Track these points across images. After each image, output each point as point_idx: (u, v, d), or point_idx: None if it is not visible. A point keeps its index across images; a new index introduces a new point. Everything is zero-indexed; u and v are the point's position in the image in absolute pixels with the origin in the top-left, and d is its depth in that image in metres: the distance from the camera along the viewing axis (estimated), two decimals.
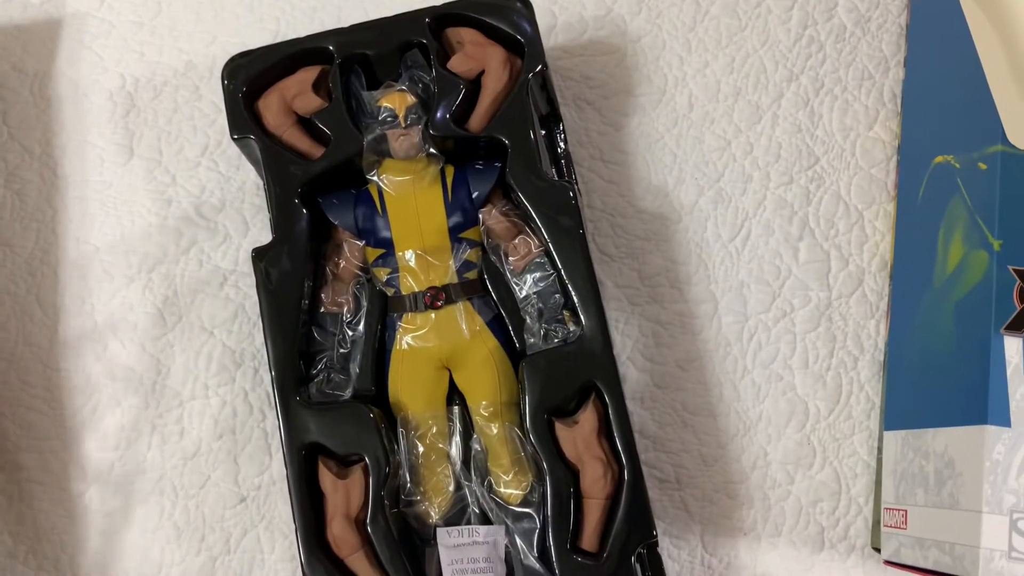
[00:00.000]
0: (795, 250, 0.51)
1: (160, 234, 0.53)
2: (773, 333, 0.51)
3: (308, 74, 0.48)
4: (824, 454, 0.49)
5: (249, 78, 0.47)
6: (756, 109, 0.53)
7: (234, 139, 0.47)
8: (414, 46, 0.48)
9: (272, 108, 0.47)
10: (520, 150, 0.46)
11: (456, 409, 0.47)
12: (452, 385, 0.47)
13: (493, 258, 0.47)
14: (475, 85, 0.47)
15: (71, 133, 0.55)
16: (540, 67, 0.46)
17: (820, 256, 0.51)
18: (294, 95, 0.47)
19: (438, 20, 0.48)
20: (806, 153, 0.52)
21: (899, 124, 0.52)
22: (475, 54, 0.47)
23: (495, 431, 0.45)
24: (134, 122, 0.55)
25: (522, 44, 0.47)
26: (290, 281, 0.46)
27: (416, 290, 0.46)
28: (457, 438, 0.46)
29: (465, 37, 0.48)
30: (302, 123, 0.48)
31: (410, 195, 0.46)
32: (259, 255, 0.46)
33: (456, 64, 0.47)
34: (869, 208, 0.52)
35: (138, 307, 0.52)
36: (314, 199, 0.47)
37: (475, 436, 0.46)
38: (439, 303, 0.46)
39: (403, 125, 0.46)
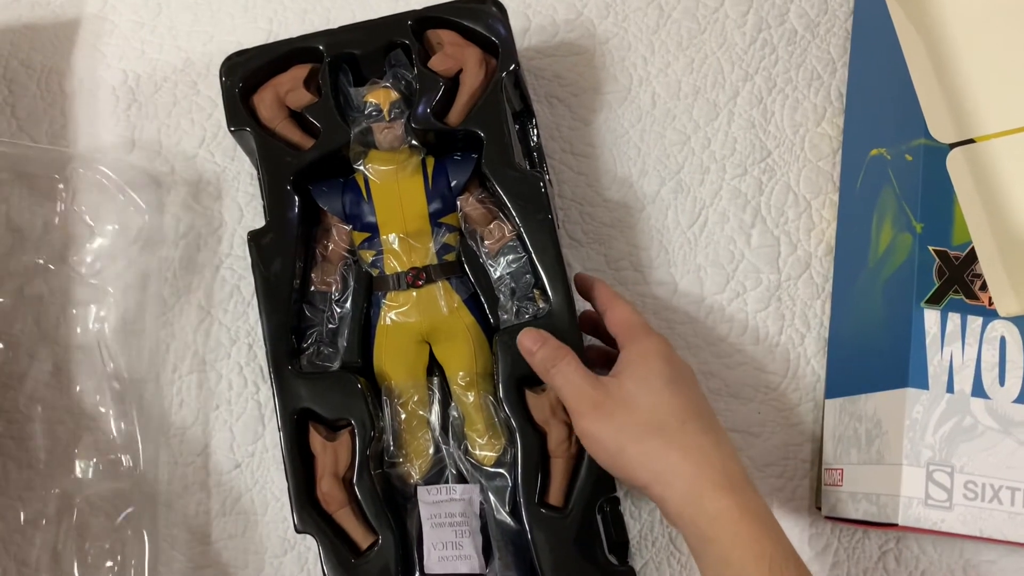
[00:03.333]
0: (748, 236, 0.56)
1: (160, 220, 0.57)
2: (727, 312, 0.55)
3: (300, 71, 0.52)
4: (774, 423, 0.54)
5: (245, 75, 0.52)
6: (714, 106, 0.57)
7: (231, 131, 0.51)
8: (398, 46, 0.52)
9: (266, 103, 0.51)
10: (495, 143, 0.50)
11: (436, 380, 0.51)
12: (432, 358, 0.51)
13: (470, 242, 0.51)
14: (454, 83, 0.52)
15: (77, 125, 0.58)
16: (513, 66, 0.51)
17: (771, 242, 0.56)
18: (287, 91, 0.51)
19: (420, 22, 0.52)
20: (759, 147, 0.57)
21: (844, 121, 0.57)
22: (454, 54, 0.51)
23: (471, 399, 0.49)
24: (136, 115, 0.59)
25: (497, 45, 0.51)
26: (282, 261, 0.50)
27: (399, 270, 0.50)
28: (436, 406, 0.51)
29: (444, 38, 0.52)
30: (294, 117, 0.52)
31: (393, 183, 0.51)
32: (254, 237, 0.50)
33: (436, 63, 0.51)
34: (816, 198, 0.56)
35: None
36: (305, 187, 0.51)
37: (453, 404, 0.50)
38: (420, 282, 0.50)
39: (387, 119, 0.50)
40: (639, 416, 0.43)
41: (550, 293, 0.49)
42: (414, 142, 0.51)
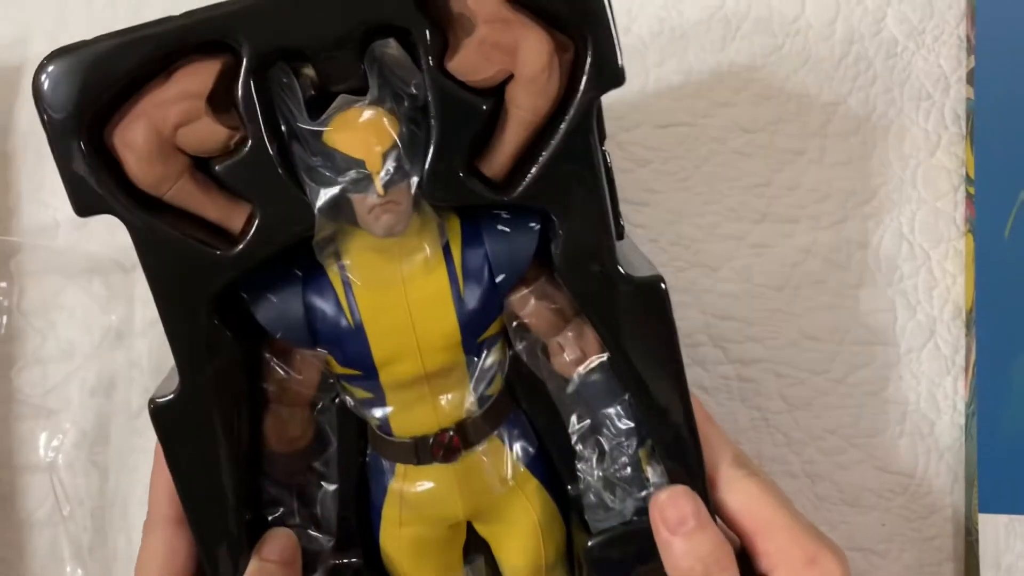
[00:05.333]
0: (854, 300, 0.45)
1: (130, 312, 0.46)
2: (834, 396, 0.44)
3: (195, 77, 0.27)
4: (903, 537, 0.43)
5: (88, 96, 0.27)
6: (799, 138, 0.46)
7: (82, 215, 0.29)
8: (386, 31, 0.28)
9: (139, 148, 0.27)
10: (578, 226, 0.29)
11: (480, 563, 0.36)
12: (471, 530, 0.36)
13: (522, 354, 0.33)
14: (497, 100, 0.29)
15: (20, 196, 0.48)
16: (617, 66, 0.28)
17: (883, 305, 0.44)
18: (176, 121, 0.27)
19: None
20: (860, 187, 0.46)
21: (967, 149, 0.45)
22: (499, 42, 0.28)
23: None
24: None
25: (583, 23, 0.28)
26: (210, 443, 0.30)
27: (417, 435, 0.32)
28: None
29: (478, 9, 0.28)
30: (198, 165, 0.29)
31: (396, 290, 0.30)
32: (160, 413, 0.30)
33: (465, 63, 0.28)
34: (937, 247, 0.45)
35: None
36: (235, 297, 0.31)
37: None
38: (453, 455, 0.32)
39: (380, 192, 0.28)
40: None
41: (668, 460, 0.31)
42: (428, 208, 0.30)
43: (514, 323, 0.33)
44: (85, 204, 0.28)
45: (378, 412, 0.32)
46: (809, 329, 0.44)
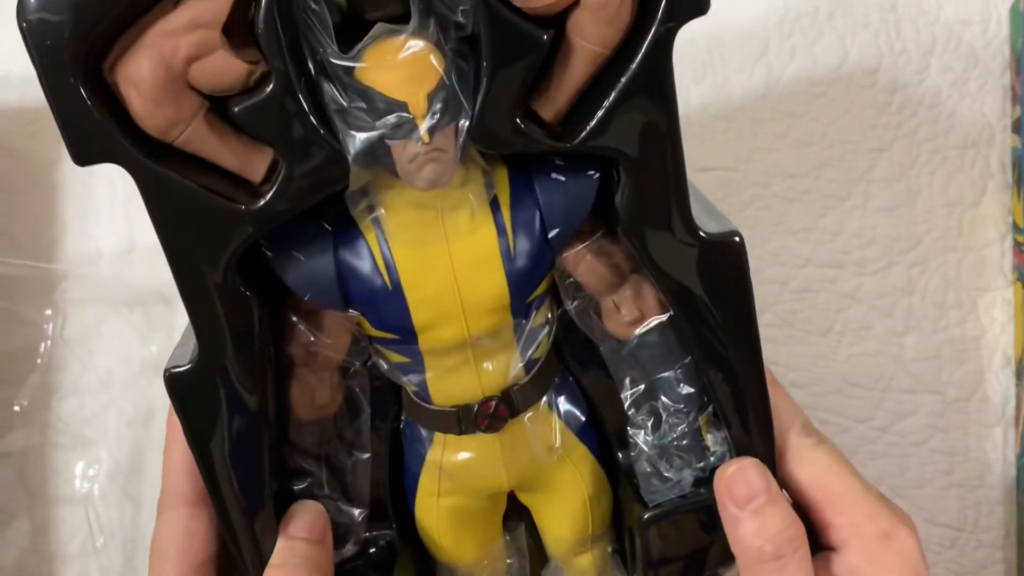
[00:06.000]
0: (899, 347, 0.44)
1: (170, 342, 0.47)
2: (879, 446, 0.43)
3: (207, 5, 0.23)
4: None
5: (84, 22, 0.22)
6: (843, 184, 0.46)
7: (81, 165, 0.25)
8: None
9: (145, 85, 0.23)
10: (649, 177, 0.26)
11: (520, 531, 0.34)
12: (512, 498, 0.34)
13: (570, 306, 0.30)
14: (557, 32, 0.25)
15: (66, 225, 0.49)
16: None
17: (930, 353, 0.44)
18: (188, 54, 0.23)
19: None
20: (905, 233, 0.45)
21: (1015, 197, 0.45)
22: None
23: (584, 561, 0.34)
24: (136, 208, 0.48)
25: None
26: (232, 408, 0.27)
27: (459, 403, 0.30)
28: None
29: None
30: (214, 105, 0.25)
31: (438, 247, 0.27)
32: (178, 383, 0.27)
33: None
34: (984, 295, 0.44)
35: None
36: (258, 253, 0.27)
37: (549, 567, 0.35)
38: (499, 424, 0.30)
39: (426, 139, 0.24)
40: None
41: (736, 429, 0.29)
42: (477, 157, 0.27)
43: (566, 281, 0.29)
44: (85, 151, 0.24)
45: (415, 378, 0.29)
46: (853, 376, 0.44)
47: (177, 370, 0.27)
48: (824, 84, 0.48)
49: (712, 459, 0.30)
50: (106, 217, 0.49)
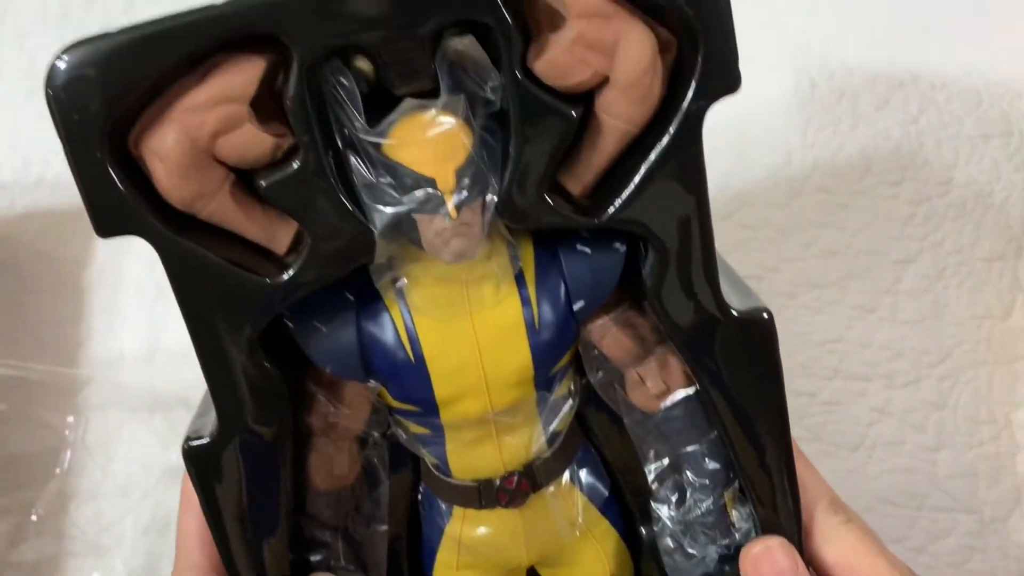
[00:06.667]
0: (932, 464, 0.43)
1: None
2: (915, 568, 0.42)
3: (235, 79, 0.23)
4: None
5: (111, 95, 0.22)
6: (870, 297, 0.46)
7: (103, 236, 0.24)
8: (459, 27, 0.24)
9: (170, 159, 0.23)
10: (678, 253, 0.26)
11: None
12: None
13: (596, 385, 0.30)
14: (587, 105, 0.25)
15: (91, 327, 0.49)
16: (734, 69, 0.24)
17: (964, 470, 0.43)
18: (214, 128, 0.23)
19: None
20: (934, 347, 0.45)
21: None
22: (597, 40, 0.23)
23: None
24: (161, 313, 0.48)
25: (692, 10, 0.23)
26: (254, 493, 0.27)
27: (480, 478, 0.29)
28: None
29: (573, 1, 0.23)
30: (239, 177, 0.24)
31: (462, 321, 0.27)
32: (197, 456, 0.26)
33: (553, 65, 0.23)
34: (1017, 410, 0.43)
35: None
36: (280, 326, 0.27)
37: None
38: (520, 500, 0.29)
39: (453, 214, 0.24)
40: None
41: (762, 506, 0.28)
42: (503, 229, 0.26)
43: (591, 352, 0.29)
44: (108, 224, 0.24)
45: (435, 451, 0.29)
46: (885, 493, 0.43)
47: (196, 443, 0.26)
48: (847, 195, 0.48)
49: (738, 536, 0.29)
50: (132, 320, 0.49)
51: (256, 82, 0.23)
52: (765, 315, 0.27)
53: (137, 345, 0.49)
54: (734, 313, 0.27)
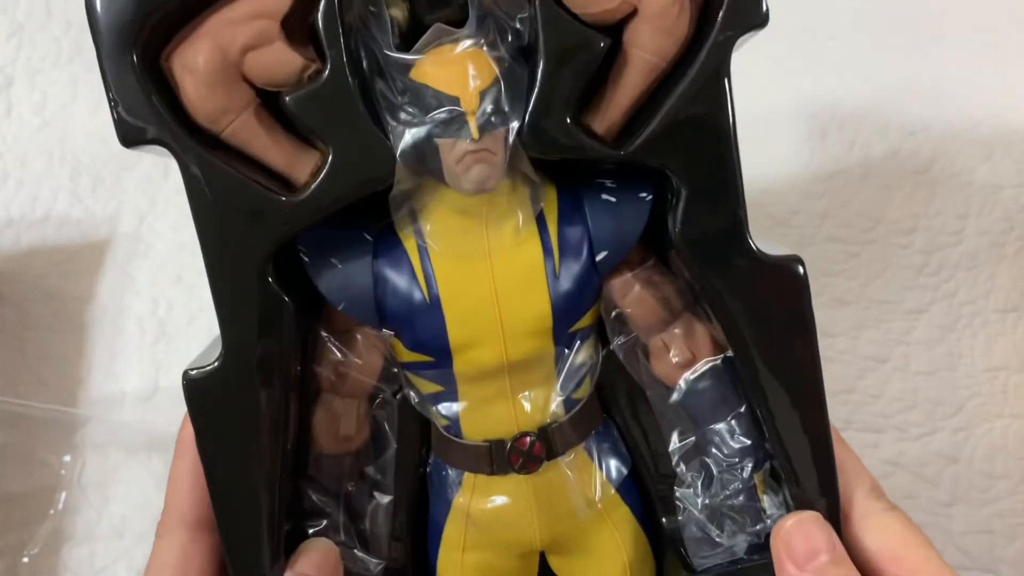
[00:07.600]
0: (947, 519, 0.42)
1: None
2: None
3: (264, 2, 0.24)
4: None
5: (147, 10, 0.23)
6: (881, 346, 0.45)
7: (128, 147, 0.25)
8: None
9: (200, 70, 0.24)
10: (704, 193, 0.25)
11: None
12: (543, 563, 0.31)
13: (618, 352, 0.28)
14: (615, 40, 0.25)
15: (92, 364, 0.48)
16: (761, 3, 0.24)
17: (981, 526, 0.42)
18: (246, 42, 0.24)
19: None
20: (948, 398, 0.44)
21: None
22: None
23: None
24: (163, 351, 0.48)
25: None
26: (255, 437, 0.25)
27: (492, 438, 0.28)
28: None
29: None
30: (265, 102, 0.25)
31: (480, 261, 0.26)
32: (196, 388, 0.25)
33: None
34: None
35: None
36: (294, 253, 0.26)
37: None
38: (535, 464, 0.27)
39: (475, 135, 0.24)
40: None
41: (796, 481, 0.26)
42: (527, 171, 0.26)
43: (612, 313, 0.27)
44: (132, 132, 0.24)
45: (448, 409, 0.27)
46: None
47: (197, 372, 0.25)
48: (859, 244, 0.47)
49: (768, 522, 0.27)
50: (133, 359, 0.48)
51: (282, 5, 0.23)
52: (799, 265, 0.26)
53: (137, 383, 0.48)
54: (763, 257, 0.25)
